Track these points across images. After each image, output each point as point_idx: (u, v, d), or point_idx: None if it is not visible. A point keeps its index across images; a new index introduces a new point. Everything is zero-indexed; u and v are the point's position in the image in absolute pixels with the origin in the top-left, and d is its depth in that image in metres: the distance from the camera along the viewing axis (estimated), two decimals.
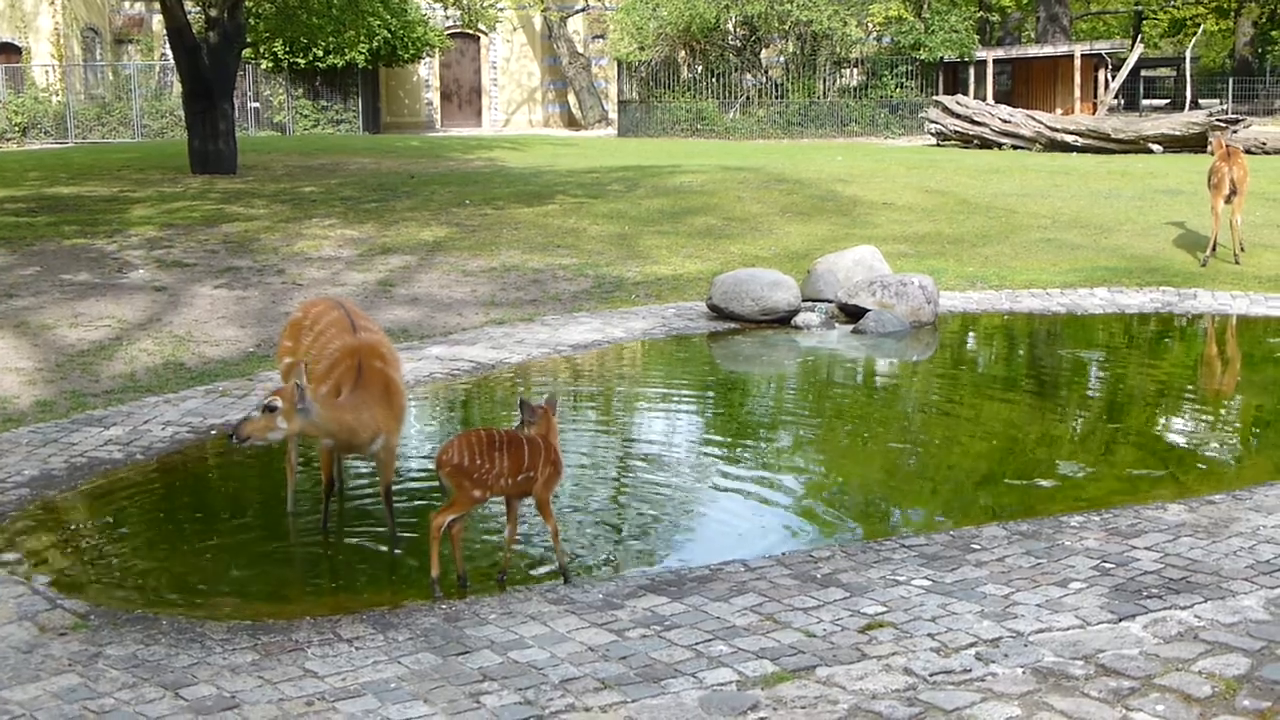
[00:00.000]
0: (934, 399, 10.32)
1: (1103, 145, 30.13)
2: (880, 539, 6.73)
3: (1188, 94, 45.35)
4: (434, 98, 52.43)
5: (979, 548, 6.42)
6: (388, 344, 7.04)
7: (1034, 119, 32.10)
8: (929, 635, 5.32)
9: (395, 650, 5.31)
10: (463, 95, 53.03)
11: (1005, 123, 32.13)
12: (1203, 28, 58.49)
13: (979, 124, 32.57)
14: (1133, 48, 44.12)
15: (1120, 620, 5.40)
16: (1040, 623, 5.40)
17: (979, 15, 51.92)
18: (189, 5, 25.16)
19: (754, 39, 44.54)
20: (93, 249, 15.59)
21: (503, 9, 48.12)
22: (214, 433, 8.80)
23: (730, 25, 44.54)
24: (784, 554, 6.47)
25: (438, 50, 48.32)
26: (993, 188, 22.03)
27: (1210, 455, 8.59)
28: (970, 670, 4.97)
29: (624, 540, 6.92)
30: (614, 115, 47.85)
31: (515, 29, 51.80)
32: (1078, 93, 42.73)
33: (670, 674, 5.02)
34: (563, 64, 51.06)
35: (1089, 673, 4.92)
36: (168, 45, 32.93)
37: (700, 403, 10.36)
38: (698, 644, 5.29)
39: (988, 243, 16.90)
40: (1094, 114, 40.22)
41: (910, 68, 43.43)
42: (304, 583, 6.50)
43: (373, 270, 14.75)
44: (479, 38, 51.08)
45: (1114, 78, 42.69)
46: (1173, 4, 61.37)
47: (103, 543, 7.01)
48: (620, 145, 37.03)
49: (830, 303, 12.86)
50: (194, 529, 7.17)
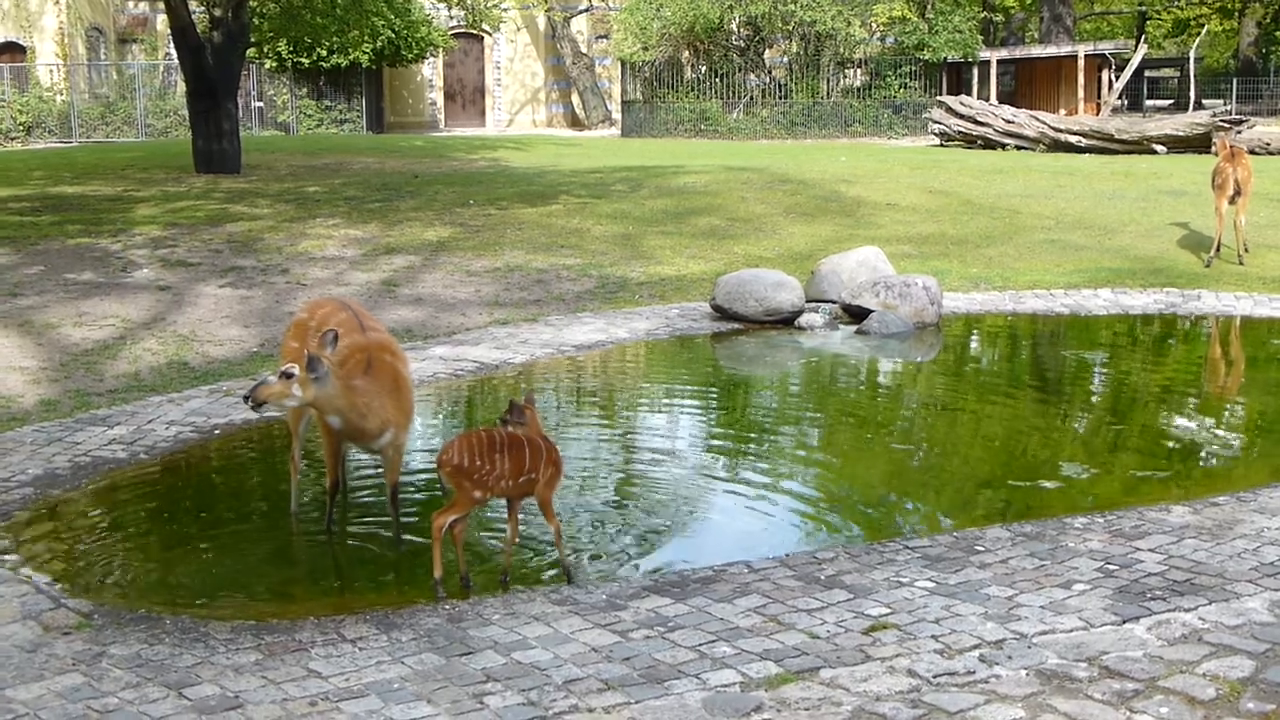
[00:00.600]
0: (938, 400, 10.31)
1: (1106, 146, 30.10)
2: (884, 540, 6.72)
3: (1191, 94, 45.38)
4: (438, 98, 52.46)
5: (983, 549, 6.42)
6: (396, 343, 7.05)
7: (1038, 119, 32.08)
8: (933, 637, 5.32)
9: (399, 650, 5.31)
10: (466, 95, 53.05)
11: (1009, 123, 32.11)
12: (1206, 28, 58.46)
13: (983, 124, 32.55)
14: (1136, 48, 44.10)
15: (1124, 622, 5.40)
16: (1044, 624, 5.40)
17: (982, 16, 51.94)
18: (193, 5, 25.15)
19: (758, 39, 44.56)
20: (97, 248, 15.59)
21: (507, 9, 48.16)
22: (218, 432, 8.81)
23: (734, 25, 44.56)
24: (787, 555, 6.46)
25: (442, 50, 48.34)
26: (996, 188, 22.02)
27: (1214, 457, 8.59)
28: (974, 672, 4.97)
29: (627, 541, 6.92)
30: (617, 115, 47.89)
31: (519, 29, 51.82)
32: (1081, 93, 42.71)
33: (674, 675, 5.02)
34: (566, 64, 51.09)
35: (1093, 675, 4.91)
36: (172, 45, 33.01)
37: (704, 403, 10.36)
38: (701, 645, 5.29)
39: (991, 244, 16.90)
40: (1098, 114, 40.22)
41: (914, 68, 43.43)
42: (308, 582, 6.51)
43: (377, 270, 14.76)
44: (483, 38, 51.12)
45: (1118, 78, 42.68)
46: (1176, 4, 61.35)
47: (106, 542, 7.02)
48: (624, 145, 37.04)
49: (834, 303, 12.86)
50: (197, 528, 7.18)
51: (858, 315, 12.47)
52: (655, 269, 15.18)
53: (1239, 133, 28.62)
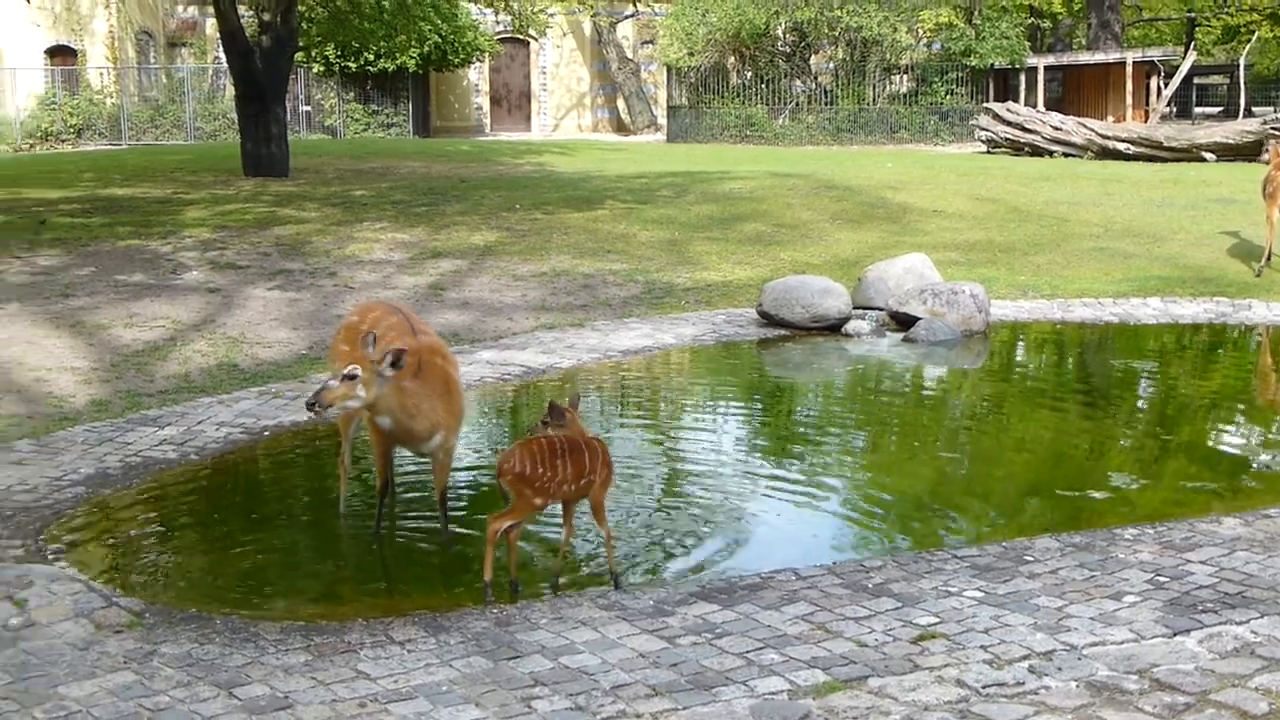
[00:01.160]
0: (985, 408, 10.28)
1: (1155, 153, 29.91)
2: (932, 549, 6.70)
3: (1241, 101, 45.08)
4: (484, 102, 52.63)
5: (1031, 559, 6.38)
6: (446, 347, 7.09)
7: (1085, 126, 31.94)
8: (981, 647, 5.30)
9: (447, 653, 5.33)
10: (512, 100, 53.19)
11: (1056, 130, 31.98)
12: (1257, 35, 57.93)
13: (1030, 131, 32.42)
14: (1185, 55, 43.83)
15: (1175, 635, 5.36)
16: (1094, 636, 5.37)
17: (1030, 22, 51.64)
18: (242, 9, 25.33)
19: (803, 45, 44.48)
20: (147, 250, 15.72)
21: (553, 14, 48.25)
22: (267, 433, 8.86)
23: (780, 31, 44.50)
24: (835, 563, 6.45)
25: (488, 55, 48.50)
26: (1044, 195, 21.91)
27: (1266, 468, 8.51)
28: (1023, 683, 4.95)
29: (674, 547, 6.92)
30: (663, 121, 47.89)
31: (565, 34, 51.92)
32: (1129, 100, 42.45)
33: (721, 682, 5.02)
34: (612, 69, 51.17)
35: (1143, 687, 4.88)
36: (221, 49, 33.21)
37: (750, 410, 10.36)
38: (749, 652, 5.29)
39: (1039, 251, 16.81)
40: (1146, 122, 39.96)
41: (960, 74, 43.28)
42: (356, 584, 6.53)
43: (423, 274, 14.81)
44: (529, 43, 51.24)
45: (1166, 85, 42.41)
46: (1226, 11, 60.85)
47: (157, 541, 7.07)
48: (669, 151, 37.05)
49: (881, 310, 12.83)
50: (247, 529, 7.22)
51: (905, 323, 12.43)
52: (702, 275, 15.17)
53: None
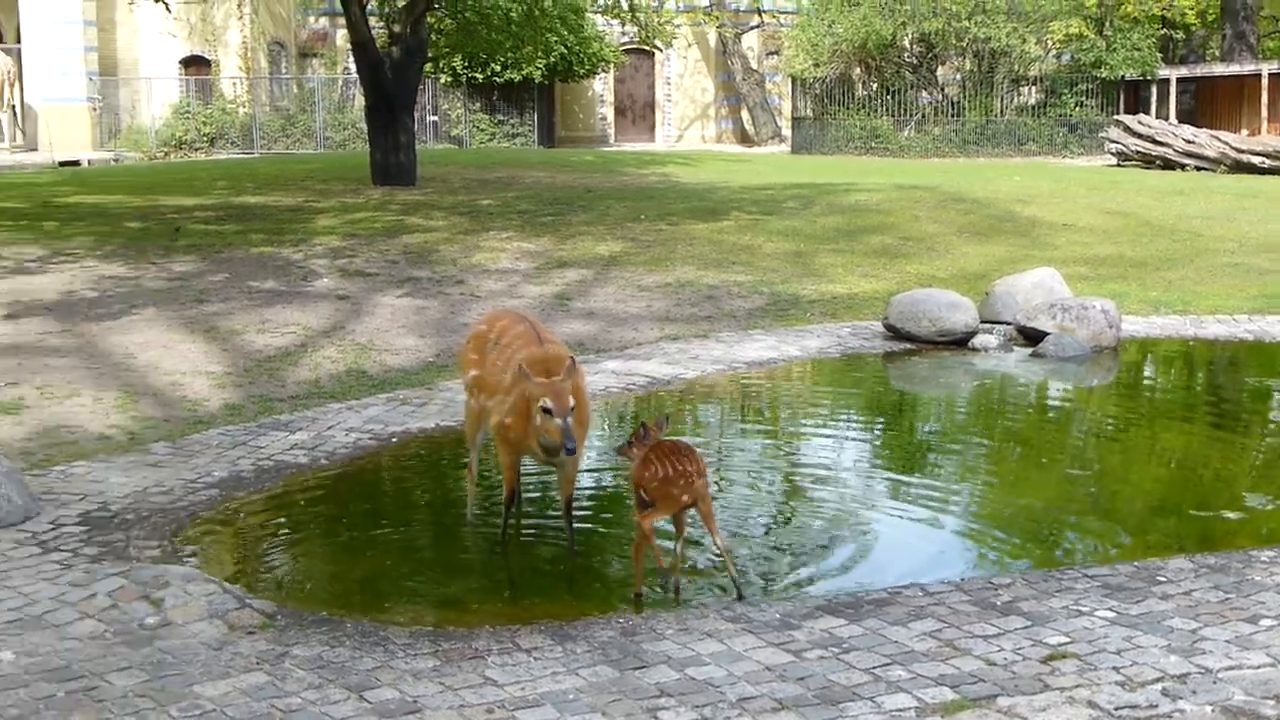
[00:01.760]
0: (1114, 425, 10.12)
1: None
2: (1062, 568, 6.60)
3: None
4: (608, 112, 52.90)
5: (1164, 580, 6.27)
6: (574, 357, 7.12)
7: (1219, 140, 31.34)
8: (1113, 668, 5.21)
9: (573, 662, 5.35)
10: (636, 110, 53.41)
11: (1189, 143, 31.43)
12: None
13: (1161, 144, 31.89)
14: None
15: None
16: (1230, 659, 5.26)
17: (1162, 33, 50.73)
18: (373, 21, 25.69)
19: (930, 56, 44.15)
20: (279, 257, 16.00)
21: (679, 25, 48.34)
22: (395, 440, 8.96)
23: (906, 42, 44.19)
24: (963, 580, 6.39)
25: (613, 66, 48.76)
26: (1176, 210, 21.54)
27: None
28: (1157, 706, 4.86)
29: (799, 560, 6.89)
30: (787, 132, 47.79)
31: (690, 45, 52.00)
32: (1265, 113, 41.51)
33: (848, 697, 4.99)
34: (736, 80, 51.15)
35: None
36: (351, 59, 33.74)
37: (875, 423, 10.30)
38: (876, 668, 5.25)
39: (1171, 266, 16.53)
40: None
41: (1090, 86, 42.68)
42: (482, 591, 6.57)
43: (549, 283, 14.92)
44: (653, 54, 51.39)
45: None
46: None
47: (288, 544, 7.19)
48: (794, 162, 36.97)
49: (1009, 325, 12.68)
50: (375, 534, 7.31)
51: (1033, 338, 12.28)
52: (827, 287, 15.11)
53: None
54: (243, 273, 14.92)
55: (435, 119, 45.37)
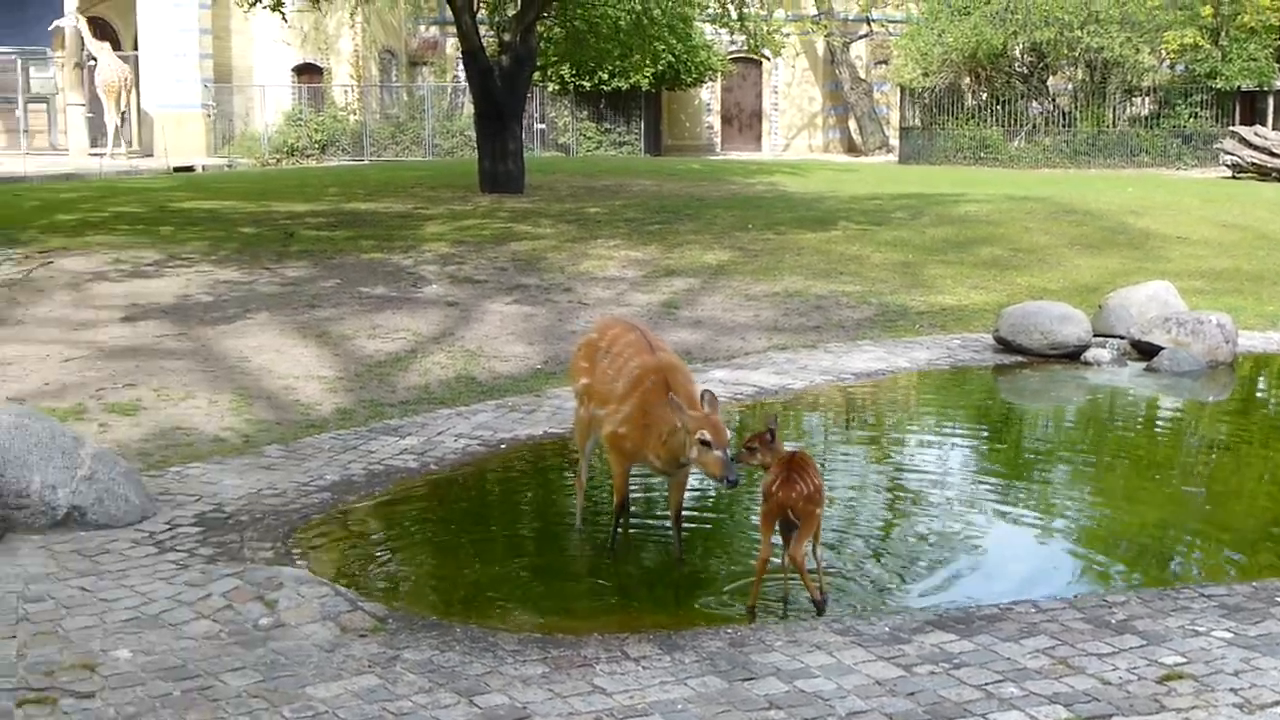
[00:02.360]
0: (1231, 443, 9.93)
1: None
2: (1177, 586, 6.49)
3: None
4: (714, 121, 52.87)
5: None
6: (685, 365, 7.13)
7: None
8: (1231, 690, 5.11)
9: (682, 672, 5.34)
10: (743, 119, 53.33)
11: None
12: None
13: (1278, 156, 31.30)
14: None
15: None
16: None
17: (1279, 43, 49.85)
18: (483, 29, 25.87)
19: (1041, 66, 43.65)
20: (389, 263, 16.16)
21: (787, 34, 48.21)
22: (503, 446, 9.01)
23: (1017, 52, 43.73)
24: (1075, 596, 6.30)
25: (720, 74, 48.74)
26: None
27: None
28: None
29: (908, 574, 6.84)
30: (895, 142, 47.46)
31: (798, 54, 51.78)
32: None
33: (959, 713, 4.94)
34: (844, 89, 50.92)
35: None
36: (460, 67, 33.99)
37: (986, 437, 10.19)
38: (987, 684, 5.19)
39: None
40: None
41: (1205, 97, 41.96)
42: (591, 599, 6.59)
43: (657, 292, 14.93)
44: (760, 62, 51.24)
45: None
46: None
47: (398, 548, 7.25)
48: (902, 172, 36.71)
49: (1122, 339, 12.49)
50: (483, 540, 7.35)
51: (1147, 352, 12.08)
52: (936, 298, 14.99)
53: None
54: (354, 278, 15.08)
55: (543, 127, 45.61)
